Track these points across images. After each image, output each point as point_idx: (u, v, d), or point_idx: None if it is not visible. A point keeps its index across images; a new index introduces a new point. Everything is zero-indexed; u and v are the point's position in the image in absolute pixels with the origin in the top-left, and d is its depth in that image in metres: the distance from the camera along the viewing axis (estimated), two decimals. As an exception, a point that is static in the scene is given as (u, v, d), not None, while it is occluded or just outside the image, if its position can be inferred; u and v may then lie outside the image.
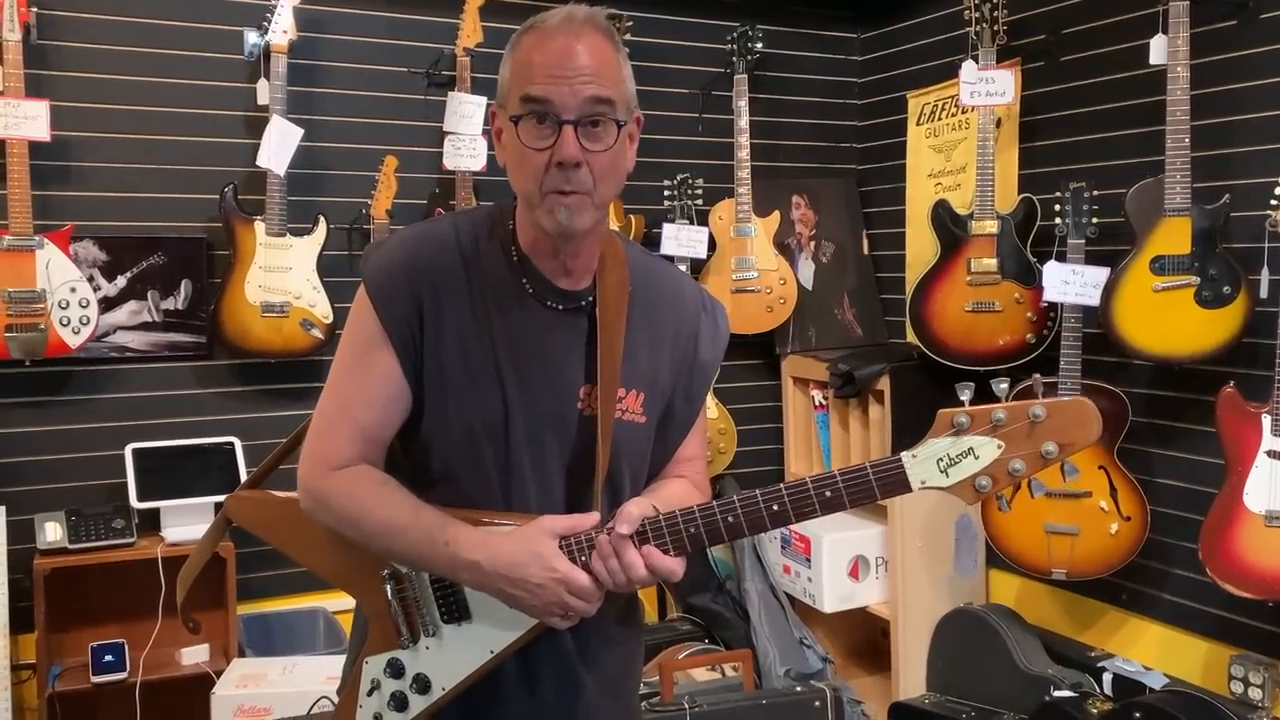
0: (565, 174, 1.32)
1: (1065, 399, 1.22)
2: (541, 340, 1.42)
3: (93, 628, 2.98)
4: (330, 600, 3.30)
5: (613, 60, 1.36)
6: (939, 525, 3.48)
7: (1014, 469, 1.21)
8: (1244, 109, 2.76)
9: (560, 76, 1.31)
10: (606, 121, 1.34)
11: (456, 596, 1.42)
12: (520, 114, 1.34)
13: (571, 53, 1.32)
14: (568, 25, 1.35)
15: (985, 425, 1.22)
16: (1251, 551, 2.53)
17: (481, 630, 1.42)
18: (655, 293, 1.50)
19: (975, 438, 1.23)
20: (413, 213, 3.38)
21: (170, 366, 3.20)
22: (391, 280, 1.40)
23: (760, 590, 3.63)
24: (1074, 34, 3.20)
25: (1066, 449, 1.21)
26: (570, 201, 1.33)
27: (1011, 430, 1.21)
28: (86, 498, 3.06)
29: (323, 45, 3.32)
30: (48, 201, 3.00)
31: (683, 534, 1.34)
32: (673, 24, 3.77)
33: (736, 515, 1.32)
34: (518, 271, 1.42)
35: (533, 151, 1.33)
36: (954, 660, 3.22)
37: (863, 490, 1.28)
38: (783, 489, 1.30)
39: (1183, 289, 2.70)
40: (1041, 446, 1.21)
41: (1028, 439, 1.21)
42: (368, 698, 1.47)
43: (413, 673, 1.44)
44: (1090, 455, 2.95)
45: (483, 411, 1.39)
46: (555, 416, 1.42)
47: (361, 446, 1.42)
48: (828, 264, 3.97)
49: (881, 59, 4.02)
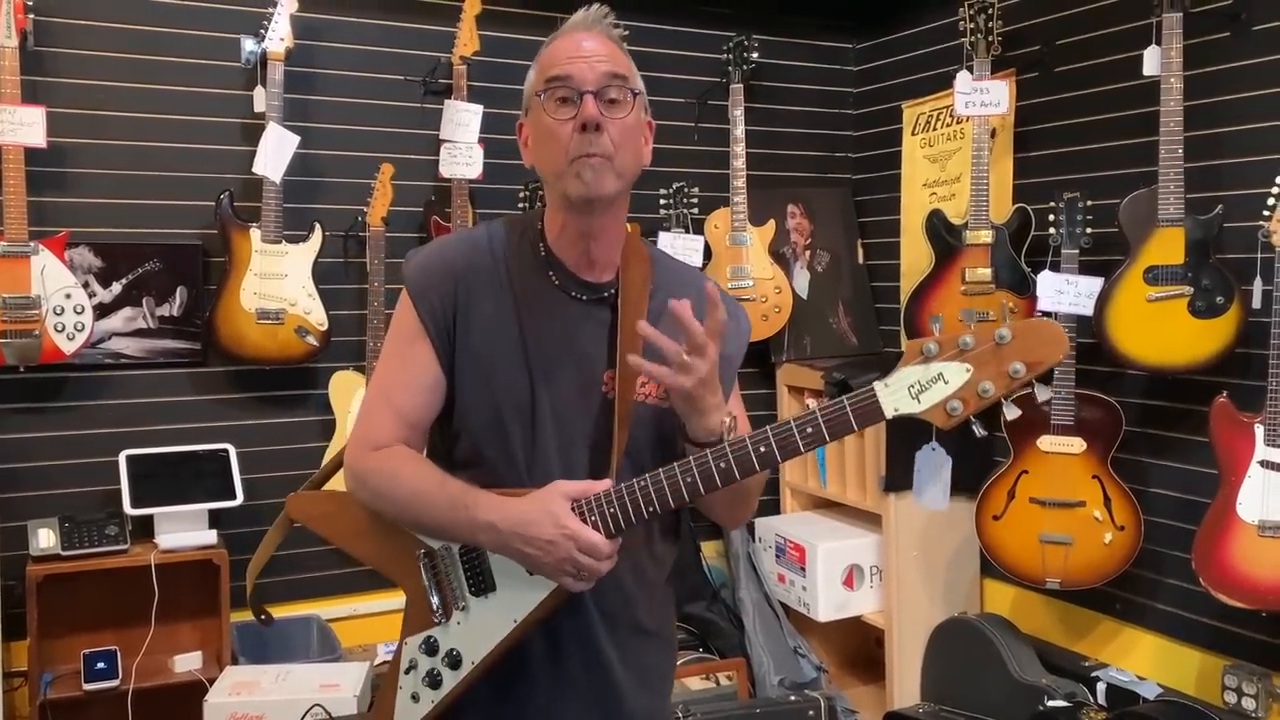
0: (589, 137, 1.43)
1: (1031, 319, 1.25)
2: (567, 329, 1.51)
3: (85, 635, 2.97)
4: (324, 608, 3.30)
5: (621, 49, 1.51)
6: (934, 534, 3.49)
7: (983, 390, 1.24)
8: (1237, 120, 2.77)
9: (579, 57, 1.45)
10: (623, 96, 1.46)
11: (482, 567, 1.49)
12: (544, 90, 1.46)
13: (585, 39, 1.47)
14: (582, 22, 1.50)
15: (953, 350, 1.26)
16: (1245, 561, 2.54)
17: (505, 600, 1.47)
18: (677, 289, 1.56)
19: (944, 363, 1.26)
20: (409, 220, 3.39)
21: (165, 373, 3.20)
22: (428, 278, 1.52)
23: (755, 599, 3.63)
24: (1068, 45, 3.22)
25: (1034, 367, 1.23)
26: (595, 163, 1.43)
27: (979, 353, 1.24)
28: (80, 504, 3.05)
29: (319, 53, 3.33)
30: (43, 207, 3.00)
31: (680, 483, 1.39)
32: (669, 34, 3.78)
33: (728, 459, 1.37)
34: (544, 266, 1.53)
35: (557, 123, 1.44)
36: (948, 670, 3.22)
37: (840, 422, 1.31)
38: (768, 430, 1.35)
39: (1176, 299, 2.71)
40: (1009, 366, 1.23)
41: (995, 360, 1.24)
42: (405, 676, 1.54)
43: (445, 649, 1.51)
44: (1084, 465, 2.95)
45: (510, 395, 1.49)
46: (579, 400, 1.50)
47: (400, 429, 1.52)
48: (823, 273, 3.97)
49: (877, 69, 4.04)
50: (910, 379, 1.27)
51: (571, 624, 1.51)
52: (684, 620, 3.63)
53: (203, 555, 2.97)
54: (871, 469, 3.52)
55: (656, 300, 1.54)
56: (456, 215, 3.32)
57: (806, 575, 3.54)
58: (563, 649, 1.52)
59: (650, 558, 1.59)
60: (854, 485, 3.65)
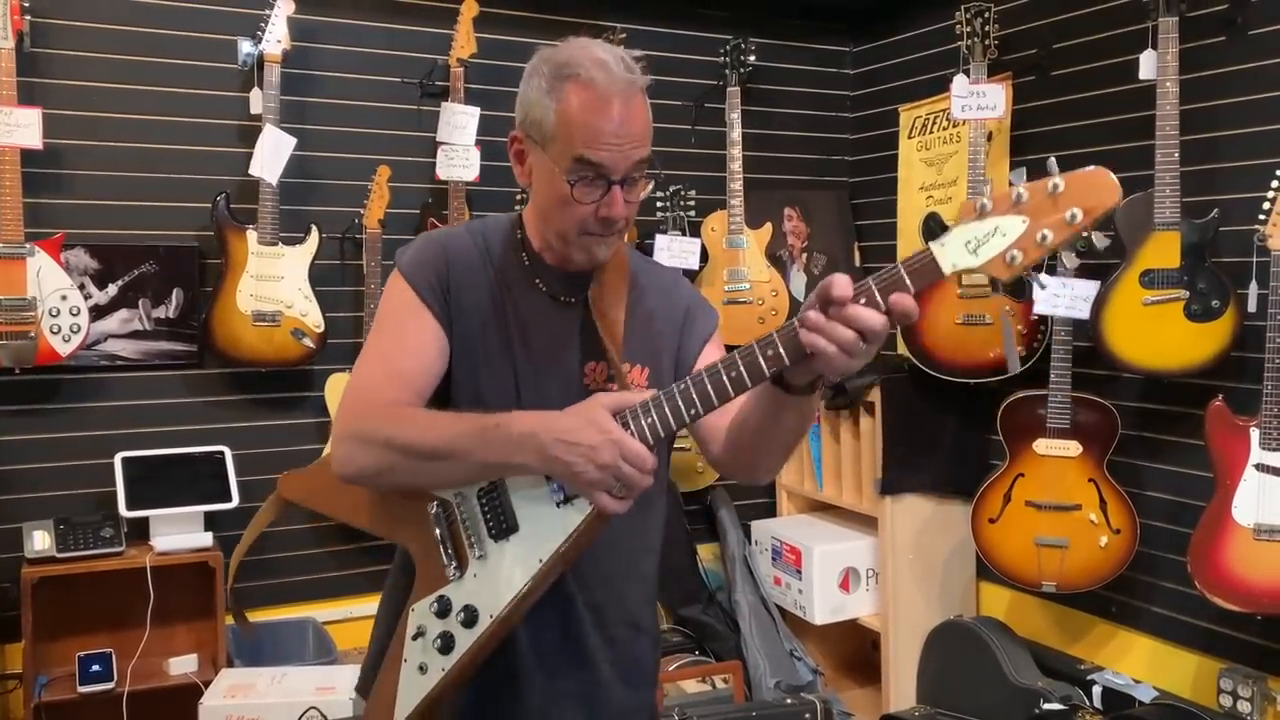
0: (605, 223, 1.46)
1: (1083, 169, 1.20)
2: (552, 330, 1.54)
3: (80, 637, 2.96)
4: (320, 610, 3.29)
5: (650, 119, 1.46)
6: (929, 537, 3.49)
7: (1042, 238, 1.20)
8: (1233, 124, 2.78)
9: (616, 145, 1.41)
10: (644, 176, 1.48)
11: (503, 506, 1.43)
12: (575, 175, 1.42)
13: (626, 119, 1.41)
14: (619, 89, 1.41)
15: (1007, 204, 1.22)
16: (1240, 565, 2.54)
17: (529, 539, 1.41)
18: (650, 285, 1.63)
19: (999, 218, 1.22)
20: (405, 222, 3.39)
21: (161, 375, 3.20)
22: (424, 259, 1.53)
23: (751, 602, 3.63)
24: (1064, 49, 3.22)
25: (1090, 213, 1.18)
26: (607, 241, 1.49)
27: (1034, 204, 1.20)
28: (75, 506, 3.05)
29: (316, 55, 3.33)
30: (39, 209, 3.00)
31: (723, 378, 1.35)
32: (666, 37, 3.78)
33: (775, 347, 1.34)
34: (530, 271, 1.56)
35: (577, 203, 1.44)
36: (944, 672, 3.22)
37: (895, 284, 1.25)
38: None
39: (1172, 302, 2.71)
40: (1066, 212, 1.19)
41: (1051, 209, 1.19)
42: (413, 644, 1.46)
43: (460, 605, 1.44)
44: (1080, 468, 2.96)
45: (494, 385, 1.50)
46: (562, 392, 1.49)
47: (403, 393, 1.47)
48: (819, 275, 3.97)
49: (873, 72, 4.04)
50: (966, 235, 1.23)
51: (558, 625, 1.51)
52: (680, 623, 3.63)
53: (198, 557, 2.96)
54: (868, 472, 3.52)
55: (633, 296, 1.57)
56: (453, 217, 3.32)
57: (803, 578, 3.54)
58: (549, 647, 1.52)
59: (644, 549, 1.60)
60: (850, 488, 3.65)
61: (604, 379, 1.54)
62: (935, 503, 3.49)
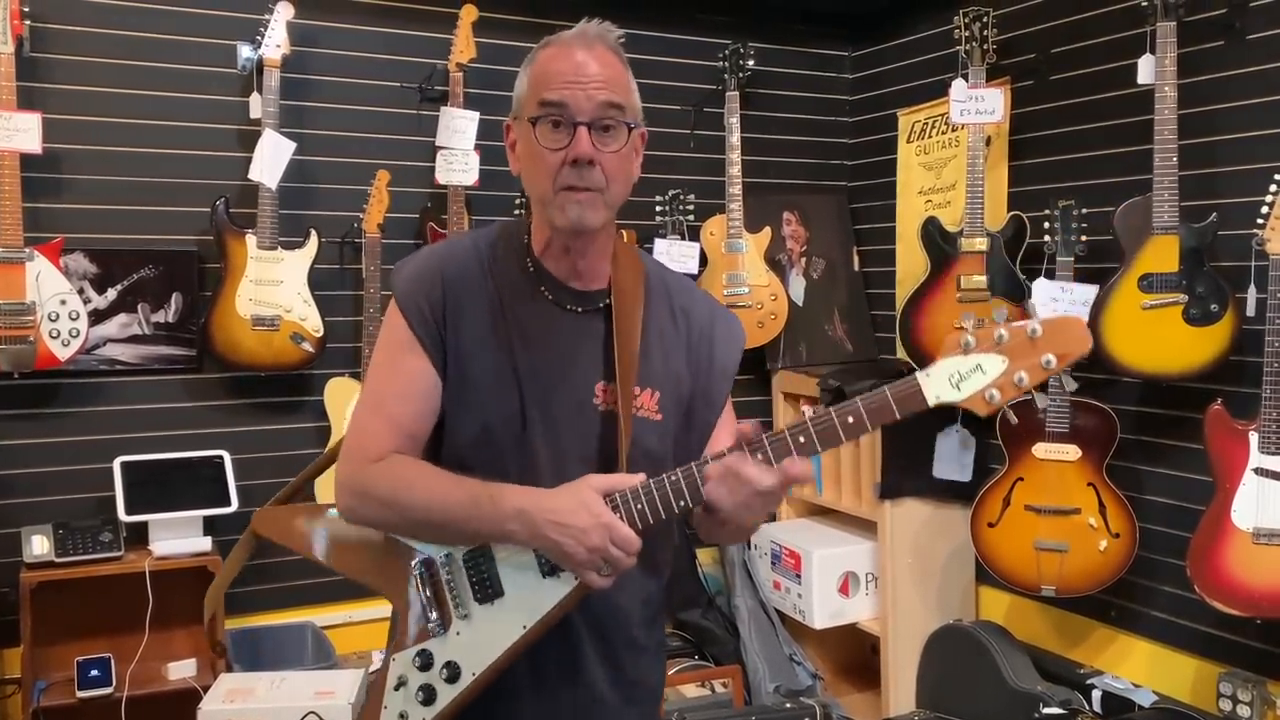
0: (579, 171, 1.41)
1: (1058, 316, 1.35)
2: (557, 341, 1.49)
3: (79, 642, 2.96)
4: (319, 615, 3.29)
5: (623, 73, 1.47)
6: (929, 541, 3.49)
7: (1019, 379, 1.33)
8: (1231, 128, 2.78)
9: (575, 82, 1.41)
10: (618, 125, 1.44)
11: (489, 572, 1.45)
12: (537, 116, 1.42)
13: (586, 62, 1.43)
14: (582, 39, 1.45)
15: (989, 343, 1.34)
16: (1239, 568, 2.54)
17: (514, 606, 1.44)
18: (670, 300, 1.58)
19: (981, 355, 1.34)
20: (405, 227, 3.39)
21: (160, 379, 3.20)
22: (418, 287, 1.48)
23: (750, 606, 3.63)
24: (1063, 53, 3.23)
25: (1064, 359, 1.32)
26: (583, 198, 1.42)
27: (1013, 345, 1.33)
28: (74, 511, 3.04)
29: (316, 59, 3.33)
30: (38, 214, 3.00)
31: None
32: (665, 41, 3.79)
33: (765, 452, 1.38)
34: (533, 279, 1.51)
35: (548, 151, 1.42)
36: (943, 677, 3.22)
37: (882, 409, 1.37)
38: (808, 421, 1.39)
39: (1171, 306, 2.71)
40: (1041, 358, 1.32)
41: (1029, 352, 1.32)
42: (394, 693, 1.47)
43: (442, 661, 1.46)
44: (1079, 472, 2.96)
45: (500, 409, 1.46)
46: (572, 414, 1.48)
47: (397, 439, 1.47)
48: (818, 280, 3.98)
49: (872, 77, 4.05)
50: (950, 369, 1.35)
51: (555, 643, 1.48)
52: (679, 627, 3.63)
53: (197, 562, 2.96)
54: (867, 476, 3.52)
55: (651, 312, 1.53)
56: (453, 222, 3.33)
57: (802, 582, 3.54)
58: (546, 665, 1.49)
59: (650, 574, 1.57)
60: (849, 492, 3.65)
61: (614, 401, 1.49)
62: (934, 507, 3.49)
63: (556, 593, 1.42)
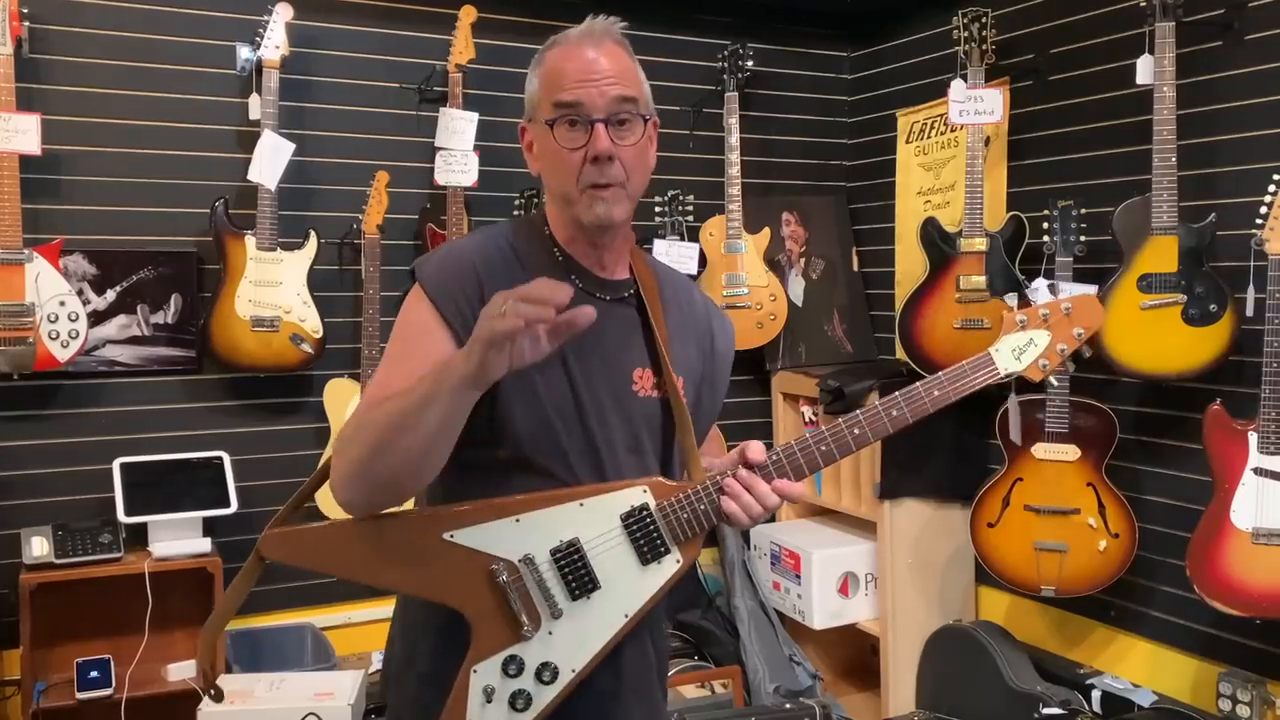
0: (600, 168, 1.44)
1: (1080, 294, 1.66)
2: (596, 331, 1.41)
3: (79, 643, 2.96)
4: (319, 616, 3.29)
5: (632, 65, 1.51)
6: (928, 541, 3.49)
7: (1061, 349, 1.58)
8: (1230, 129, 2.79)
9: (587, 80, 1.44)
10: (633, 118, 1.47)
11: (585, 568, 1.44)
12: (554, 118, 1.45)
13: (596, 59, 1.46)
14: (589, 37, 1.48)
15: (1038, 320, 1.59)
16: (1239, 568, 2.54)
17: (613, 596, 1.45)
18: (674, 290, 1.63)
19: (1033, 331, 1.59)
20: (404, 228, 3.39)
21: (159, 381, 3.20)
22: (448, 277, 1.46)
23: (750, 607, 3.63)
24: (1062, 54, 3.23)
25: (1088, 330, 1.58)
26: (607, 195, 1.45)
27: (1055, 320, 1.58)
28: (74, 512, 3.04)
29: (315, 60, 3.33)
30: (38, 215, 3.00)
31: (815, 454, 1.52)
32: (664, 42, 3.79)
33: (862, 426, 1.52)
34: (563, 269, 1.51)
35: (568, 151, 1.44)
36: (943, 677, 3.22)
37: (962, 382, 1.56)
38: (898, 396, 1.53)
39: (1170, 307, 2.71)
40: (1074, 329, 1.58)
41: (1066, 325, 1.58)
42: (483, 707, 1.41)
43: (536, 664, 1.43)
44: (1079, 472, 2.96)
45: (554, 396, 1.46)
46: (614, 399, 1.50)
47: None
48: (818, 280, 3.98)
49: (871, 77, 4.05)
50: (1013, 344, 1.59)
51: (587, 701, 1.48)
52: (679, 628, 3.63)
53: (197, 563, 2.96)
54: (866, 476, 3.52)
55: (665, 299, 1.58)
56: (452, 223, 3.33)
57: (802, 583, 3.54)
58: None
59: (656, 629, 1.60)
60: (849, 493, 3.65)
61: (650, 386, 1.53)
62: (934, 507, 3.49)
63: (659, 577, 1.46)
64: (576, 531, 1.44)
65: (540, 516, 1.44)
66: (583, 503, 1.45)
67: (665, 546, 1.46)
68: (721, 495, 1.47)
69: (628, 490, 1.46)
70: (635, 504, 1.46)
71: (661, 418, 1.54)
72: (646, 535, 1.46)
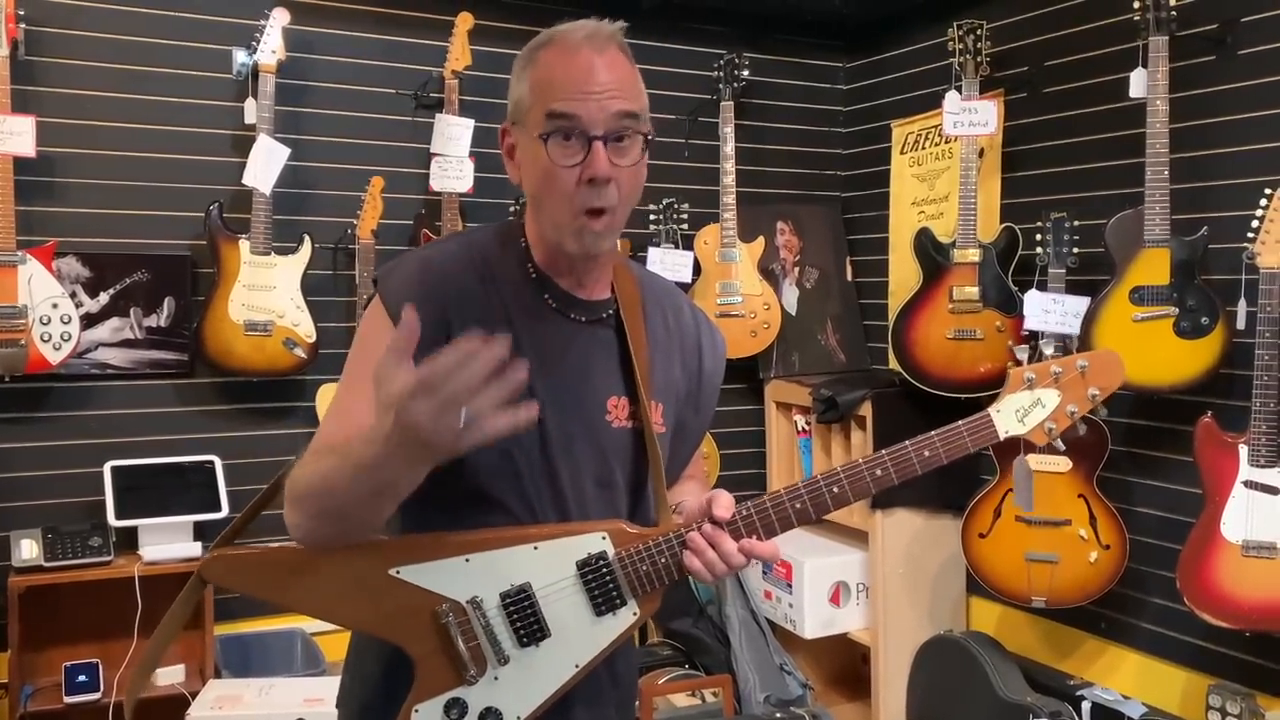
0: (597, 190, 1.32)
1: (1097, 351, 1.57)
2: (568, 354, 1.40)
3: (67, 647, 2.95)
4: (309, 622, 3.27)
5: (633, 74, 1.38)
6: (920, 551, 3.49)
7: (1070, 411, 1.46)
8: (1223, 142, 2.80)
9: (587, 92, 1.31)
10: (633, 135, 1.34)
11: (534, 616, 1.36)
12: (547, 131, 1.31)
13: (596, 68, 1.32)
14: (590, 41, 1.34)
15: (1048, 379, 1.46)
16: (1229, 581, 2.55)
17: (564, 645, 1.37)
18: (659, 305, 1.51)
19: (1042, 390, 1.46)
20: (399, 233, 3.39)
21: (152, 384, 3.19)
22: (415, 290, 1.33)
23: (741, 615, 3.62)
24: (1056, 66, 3.24)
25: (1105, 390, 1.46)
26: (599, 226, 1.34)
27: (1067, 380, 1.46)
28: (63, 515, 3.03)
29: (311, 66, 3.34)
30: (31, 217, 2.99)
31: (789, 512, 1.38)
32: (660, 50, 3.79)
33: (841, 485, 1.40)
34: (537, 286, 1.41)
35: (562, 170, 1.31)
36: (934, 687, 3.22)
37: (957, 444, 1.43)
38: (884, 455, 1.41)
39: (1162, 319, 2.72)
40: (1088, 390, 1.45)
41: (1079, 385, 1.45)
42: None
43: (480, 708, 1.36)
44: (1070, 484, 2.96)
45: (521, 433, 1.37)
46: (586, 429, 1.40)
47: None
48: (811, 290, 3.99)
49: (866, 88, 4.06)
50: (1017, 404, 1.46)
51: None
52: (669, 636, 3.62)
53: (187, 567, 2.94)
54: (858, 486, 3.51)
55: (647, 320, 1.48)
56: (447, 229, 3.33)
57: (793, 592, 3.54)
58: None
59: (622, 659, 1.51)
60: (841, 502, 3.64)
61: (625, 416, 1.43)
62: (925, 517, 3.49)
63: (614, 629, 1.38)
64: (529, 576, 1.35)
65: (492, 557, 1.35)
66: (537, 546, 1.36)
67: (622, 599, 1.37)
68: (685, 549, 1.36)
69: (586, 536, 1.37)
70: (593, 551, 1.36)
71: (635, 450, 1.44)
72: (602, 586, 1.36)
